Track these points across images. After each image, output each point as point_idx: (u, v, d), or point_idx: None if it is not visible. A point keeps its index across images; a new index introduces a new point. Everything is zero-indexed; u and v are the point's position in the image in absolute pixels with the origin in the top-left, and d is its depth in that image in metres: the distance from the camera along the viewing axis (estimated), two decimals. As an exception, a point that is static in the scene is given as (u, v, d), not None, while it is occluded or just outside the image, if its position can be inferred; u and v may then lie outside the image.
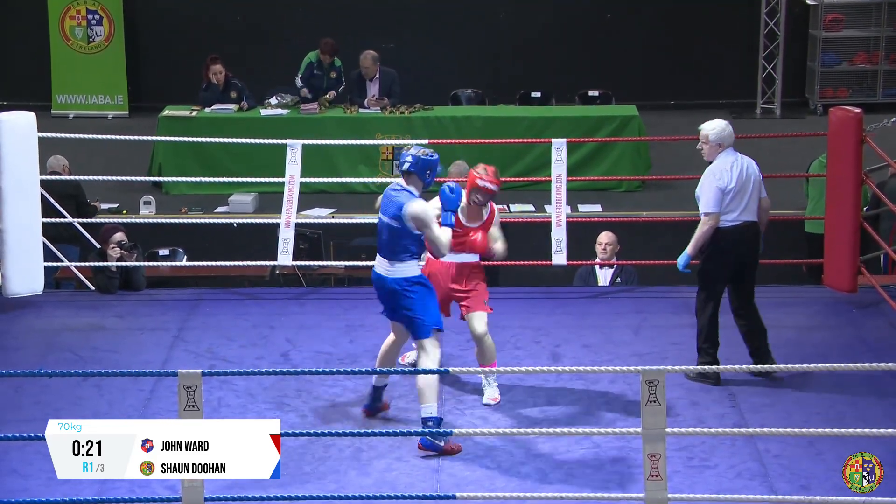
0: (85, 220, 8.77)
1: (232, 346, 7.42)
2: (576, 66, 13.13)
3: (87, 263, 8.47)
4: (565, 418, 6.52)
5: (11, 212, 7.87)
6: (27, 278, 7.97)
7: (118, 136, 9.59)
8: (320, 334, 7.57)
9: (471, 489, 5.80)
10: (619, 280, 8.65)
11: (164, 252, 9.53)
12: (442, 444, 6.05)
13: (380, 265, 6.20)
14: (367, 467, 6.03)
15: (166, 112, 11.37)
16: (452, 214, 6.20)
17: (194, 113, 11.29)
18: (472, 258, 6.64)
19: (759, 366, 6.31)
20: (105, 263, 8.21)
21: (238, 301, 8.25)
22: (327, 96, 11.42)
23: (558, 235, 8.21)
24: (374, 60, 11.45)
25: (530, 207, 10.61)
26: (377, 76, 11.48)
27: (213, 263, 8.74)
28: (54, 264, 8.41)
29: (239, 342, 7.49)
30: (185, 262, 9.48)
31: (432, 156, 6.18)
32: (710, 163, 6.80)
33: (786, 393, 6.63)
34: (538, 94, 12.40)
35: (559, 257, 8.20)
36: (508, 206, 10.67)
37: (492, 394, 6.63)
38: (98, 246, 8.39)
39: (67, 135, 9.00)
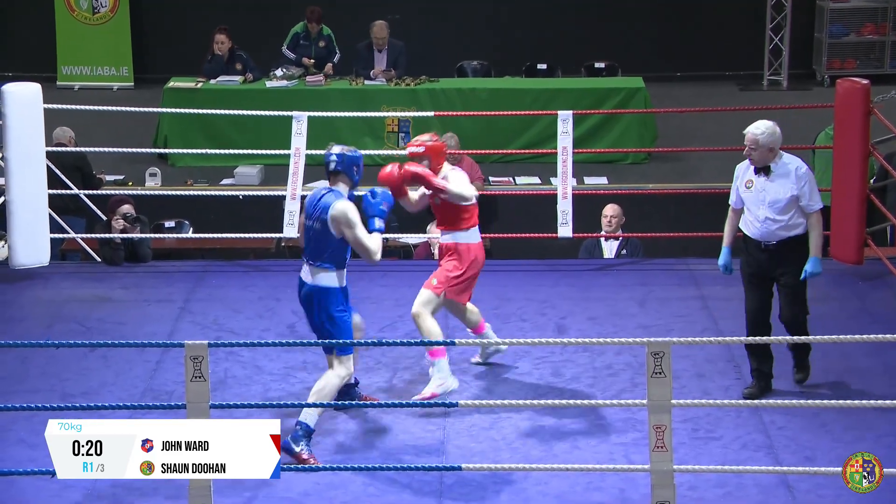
0: (91, 192, 8.77)
1: (238, 318, 7.43)
2: (582, 38, 13.08)
3: (91, 235, 8.47)
4: (570, 390, 6.53)
5: (17, 183, 7.87)
6: (33, 250, 7.98)
7: (123, 108, 9.57)
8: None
9: (476, 461, 5.82)
10: (624, 252, 8.65)
11: (169, 224, 9.54)
12: (298, 449, 5.71)
13: (303, 269, 5.97)
14: (373, 439, 6.04)
15: (171, 84, 11.35)
16: (378, 219, 5.90)
17: (199, 84, 11.27)
18: (446, 237, 6.43)
19: (758, 337, 6.27)
20: (108, 235, 8.21)
21: (244, 273, 8.26)
22: (310, 61, 11.35)
23: (564, 208, 8.20)
24: (386, 29, 11.41)
25: (536, 180, 10.60)
26: (386, 47, 11.45)
27: (219, 235, 8.75)
28: (60, 236, 8.42)
29: (245, 314, 7.50)
30: (190, 234, 9.49)
31: (356, 152, 5.96)
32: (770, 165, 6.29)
33: (790, 364, 6.63)
34: (544, 66, 12.36)
35: (565, 230, 8.20)
36: (514, 179, 10.65)
37: (429, 388, 6.25)
38: (104, 218, 8.39)
39: (73, 106, 8.99)
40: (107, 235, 8.23)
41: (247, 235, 8.69)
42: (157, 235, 8.94)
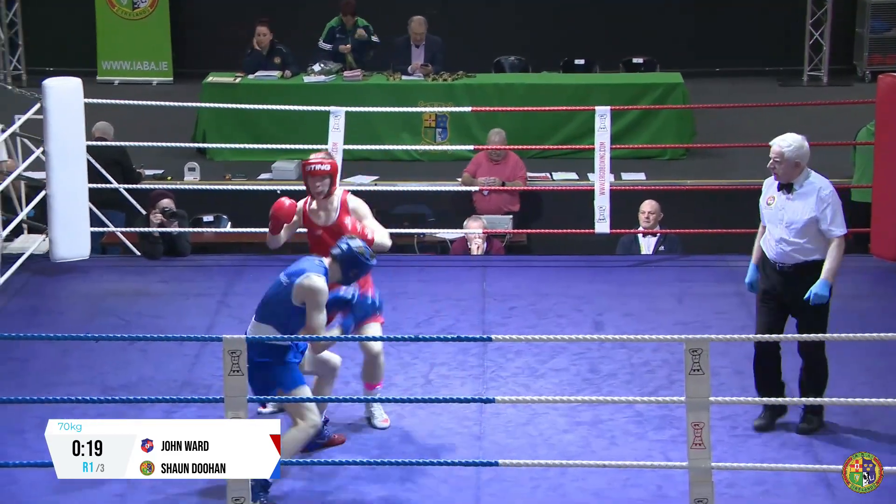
0: (130, 186, 8.83)
1: (275, 312, 7.44)
2: (620, 33, 13.02)
3: (129, 229, 8.53)
4: (608, 386, 6.51)
5: (58, 177, 7.94)
6: (74, 243, 8.05)
7: (162, 103, 9.64)
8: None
9: (513, 456, 5.81)
10: (662, 248, 8.61)
11: (208, 218, 9.59)
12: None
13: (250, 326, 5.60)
14: (410, 434, 6.05)
15: (210, 78, 11.40)
16: (349, 326, 5.58)
17: (238, 80, 11.32)
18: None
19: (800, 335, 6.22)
20: (146, 229, 8.27)
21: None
22: (348, 49, 11.37)
23: (601, 204, 8.18)
24: (424, 25, 11.42)
25: (573, 176, 10.57)
26: (423, 42, 11.45)
27: (257, 230, 8.77)
28: (100, 229, 8.48)
29: (282, 308, 7.51)
30: (228, 229, 9.53)
31: (368, 259, 5.59)
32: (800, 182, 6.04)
33: (830, 362, 6.57)
34: (582, 62, 12.31)
35: (602, 226, 8.17)
36: (551, 175, 10.63)
37: (380, 415, 6.09)
38: (143, 212, 8.45)
39: (112, 101, 9.05)
40: (145, 229, 8.29)
41: (285, 230, 8.70)
42: (195, 230, 8.99)
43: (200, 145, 10.93)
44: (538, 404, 6.23)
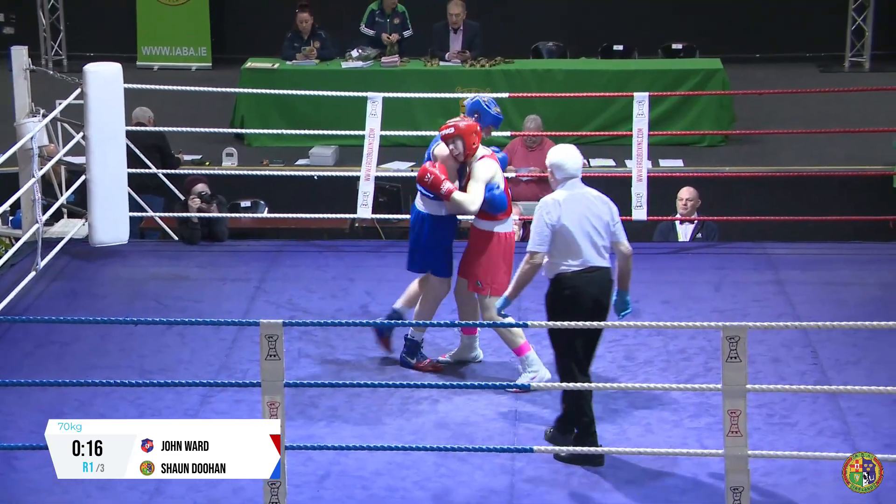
0: (169, 171, 8.88)
1: (312, 298, 7.49)
2: (659, 19, 12.94)
3: (168, 214, 8.58)
4: (644, 374, 6.49)
5: (98, 162, 7.99)
6: (113, 228, 8.10)
7: (201, 88, 9.67)
8: (399, 287, 7.55)
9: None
10: (699, 236, 8.57)
11: (245, 204, 9.63)
12: (414, 361, 6.33)
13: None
14: (445, 419, 6.06)
15: (249, 64, 11.44)
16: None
17: (276, 65, 11.35)
18: (467, 217, 6.48)
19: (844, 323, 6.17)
20: (185, 214, 8.31)
21: (318, 253, 8.32)
22: (391, 36, 11.38)
23: (639, 190, 8.14)
24: (462, 7, 11.41)
25: (611, 162, 10.53)
26: (461, 28, 11.43)
27: (294, 216, 8.81)
28: (139, 214, 8.54)
29: (319, 294, 7.55)
30: (266, 214, 9.57)
31: (483, 104, 6.57)
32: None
33: (869, 350, 6.53)
34: (620, 48, 12.25)
35: (639, 212, 8.13)
36: (588, 161, 10.58)
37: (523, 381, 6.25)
38: (182, 197, 8.50)
39: (152, 86, 9.10)
40: (184, 214, 8.34)
41: (321, 216, 8.74)
42: (233, 215, 9.03)
43: (238, 131, 10.98)
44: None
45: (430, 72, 11.24)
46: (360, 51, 11.38)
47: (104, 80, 7.99)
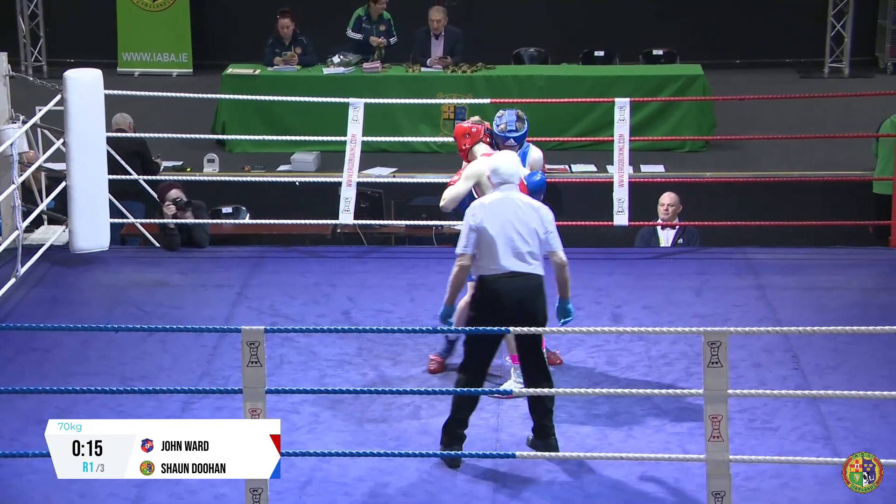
0: (149, 178, 8.85)
1: (294, 304, 7.47)
2: (640, 25, 12.98)
3: (147, 220, 8.56)
4: (625, 379, 6.50)
5: (78, 168, 7.97)
6: (94, 234, 8.08)
7: (182, 94, 9.66)
8: (381, 293, 7.60)
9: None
10: (681, 241, 8.59)
11: (227, 210, 9.60)
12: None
13: None
14: (427, 426, 6.06)
15: (230, 70, 11.42)
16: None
17: (258, 71, 11.34)
18: None
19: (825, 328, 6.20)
20: (160, 220, 8.29)
21: (300, 259, 8.30)
22: (380, 40, 11.37)
23: (620, 196, 8.16)
24: (443, 14, 11.42)
25: (592, 167, 10.55)
26: (443, 34, 11.45)
27: (276, 221, 8.80)
28: (120, 220, 8.52)
29: (301, 300, 7.54)
30: (247, 220, 9.55)
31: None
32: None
33: (850, 355, 6.56)
34: (601, 53, 12.29)
35: (621, 218, 8.15)
36: (570, 167, 10.61)
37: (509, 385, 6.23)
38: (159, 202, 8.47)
39: (133, 92, 9.08)
40: (160, 221, 8.31)
41: (303, 221, 8.73)
42: (214, 221, 9.01)
43: (220, 137, 10.96)
44: (555, 396, 6.22)
45: (412, 78, 11.25)
46: (341, 57, 11.37)
47: (84, 86, 7.96)
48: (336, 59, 11.36)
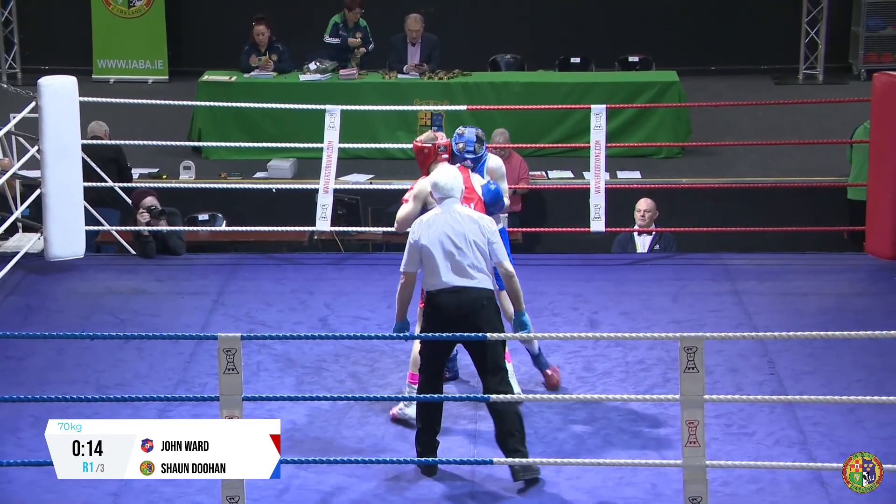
0: (124, 185, 8.82)
1: (271, 311, 7.46)
2: (616, 32, 13.03)
3: (122, 228, 8.52)
4: (602, 384, 6.51)
5: (53, 175, 7.93)
6: (69, 242, 8.04)
7: (158, 101, 9.63)
8: (358, 300, 7.59)
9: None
10: (657, 247, 8.62)
11: (203, 217, 9.58)
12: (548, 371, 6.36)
13: None
14: (405, 432, 6.05)
15: (206, 77, 11.40)
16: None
17: (234, 78, 11.32)
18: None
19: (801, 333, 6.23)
20: (134, 228, 8.26)
21: (277, 266, 8.29)
22: (358, 41, 11.34)
23: (597, 202, 8.17)
24: (420, 22, 11.43)
25: (569, 174, 10.57)
26: (419, 41, 11.45)
27: (252, 228, 8.77)
28: (95, 228, 8.48)
29: (278, 307, 7.52)
30: (224, 227, 9.53)
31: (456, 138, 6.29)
32: None
33: (826, 360, 6.59)
34: (578, 60, 12.32)
35: (598, 224, 8.17)
36: (547, 173, 10.63)
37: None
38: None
39: (108, 99, 9.04)
40: (134, 228, 8.28)
41: (280, 228, 8.71)
42: (190, 228, 8.98)
43: (196, 144, 10.93)
44: (533, 402, 6.23)
45: (389, 84, 11.25)
46: (317, 63, 11.36)
47: (59, 93, 7.93)
48: (312, 65, 11.35)
